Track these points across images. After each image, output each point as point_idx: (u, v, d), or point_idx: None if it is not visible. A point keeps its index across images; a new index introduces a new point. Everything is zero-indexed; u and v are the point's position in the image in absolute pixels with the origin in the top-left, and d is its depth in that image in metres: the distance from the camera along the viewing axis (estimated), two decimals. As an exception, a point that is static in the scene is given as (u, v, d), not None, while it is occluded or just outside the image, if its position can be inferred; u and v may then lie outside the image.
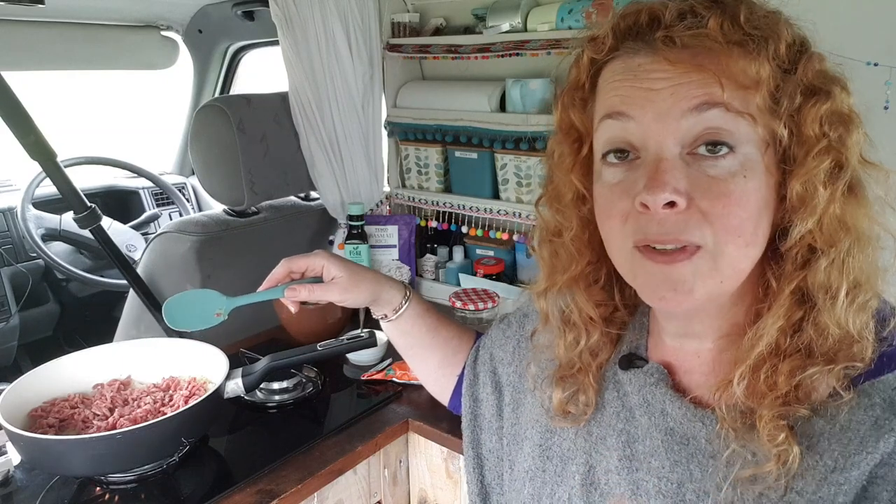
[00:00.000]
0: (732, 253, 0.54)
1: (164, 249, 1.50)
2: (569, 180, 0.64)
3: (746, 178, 0.53)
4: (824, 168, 0.52)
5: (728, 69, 0.51)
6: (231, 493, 0.98)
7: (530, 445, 0.75)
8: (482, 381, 0.90)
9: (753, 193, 0.53)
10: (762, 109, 0.53)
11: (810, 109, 0.52)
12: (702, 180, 0.53)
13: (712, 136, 0.52)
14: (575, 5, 1.39)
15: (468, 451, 0.89)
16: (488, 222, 1.66)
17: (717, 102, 0.52)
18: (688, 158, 0.54)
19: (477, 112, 1.58)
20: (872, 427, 0.51)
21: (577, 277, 0.67)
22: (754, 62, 0.51)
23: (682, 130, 0.53)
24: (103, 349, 1.11)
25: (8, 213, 2.20)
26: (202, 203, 2.73)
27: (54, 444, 0.88)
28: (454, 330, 1.00)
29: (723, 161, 0.53)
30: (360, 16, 1.61)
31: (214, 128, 1.46)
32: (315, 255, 0.92)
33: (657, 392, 0.63)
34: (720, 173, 0.53)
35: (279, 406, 1.22)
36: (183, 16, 2.30)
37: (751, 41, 0.52)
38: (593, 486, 0.67)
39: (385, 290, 0.94)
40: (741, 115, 0.52)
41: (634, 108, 0.55)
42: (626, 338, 0.71)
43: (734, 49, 0.52)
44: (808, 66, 0.53)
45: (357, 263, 0.96)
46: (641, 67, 0.55)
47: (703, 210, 0.53)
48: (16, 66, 2.04)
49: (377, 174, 1.79)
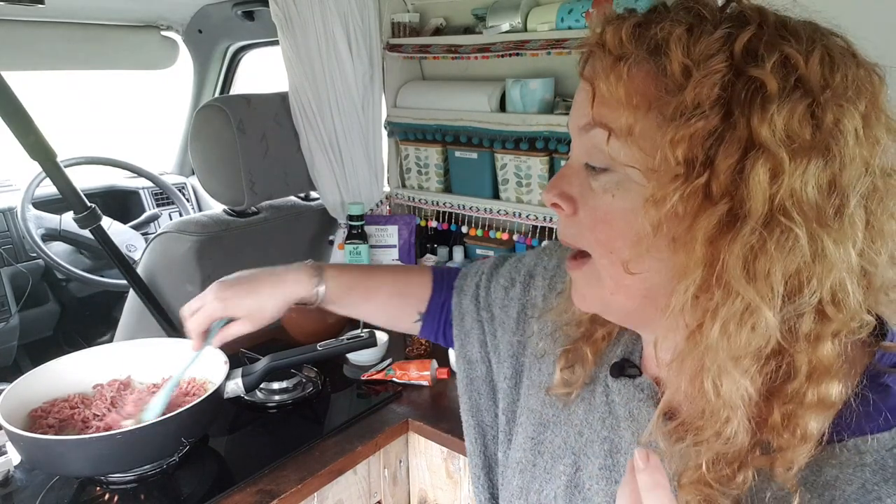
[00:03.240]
0: (608, 267, 0.55)
1: (164, 249, 1.50)
2: None
3: (615, 198, 0.53)
4: (681, 193, 0.47)
5: (606, 87, 0.51)
6: (231, 493, 0.98)
7: (523, 435, 0.74)
8: (475, 339, 0.86)
9: (622, 214, 0.52)
10: (635, 129, 0.50)
11: (679, 129, 0.46)
12: (586, 192, 0.55)
13: (592, 154, 0.54)
14: (575, 5, 1.39)
15: (468, 420, 0.85)
16: (488, 222, 1.66)
17: (597, 123, 0.52)
18: (586, 169, 0.56)
19: (477, 112, 1.58)
20: (859, 490, 0.47)
21: None
22: (621, 79, 0.50)
23: (581, 145, 0.55)
24: (103, 349, 1.11)
25: (8, 213, 2.20)
26: (202, 203, 2.73)
27: (54, 445, 0.88)
28: (391, 290, 0.94)
29: (600, 176, 0.54)
30: (360, 16, 1.61)
31: (214, 128, 1.46)
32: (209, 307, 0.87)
33: (644, 409, 0.61)
34: (597, 188, 0.54)
35: (279, 406, 1.22)
36: (183, 16, 2.30)
37: (630, 57, 0.50)
38: (577, 488, 0.66)
39: (292, 293, 0.88)
40: (617, 135, 0.51)
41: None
42: (623, 339, 0.69)
43: (613, 66, 0.50)
44: (702, 83, 0.46)
45: (252, 283, 0.87)
46: (584, 73, 0.56)
47: (580, 219, 0.56)
48: (16, 66, 2.04)
49: (377, 174, 1.79)
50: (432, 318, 0.93)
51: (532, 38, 1.44)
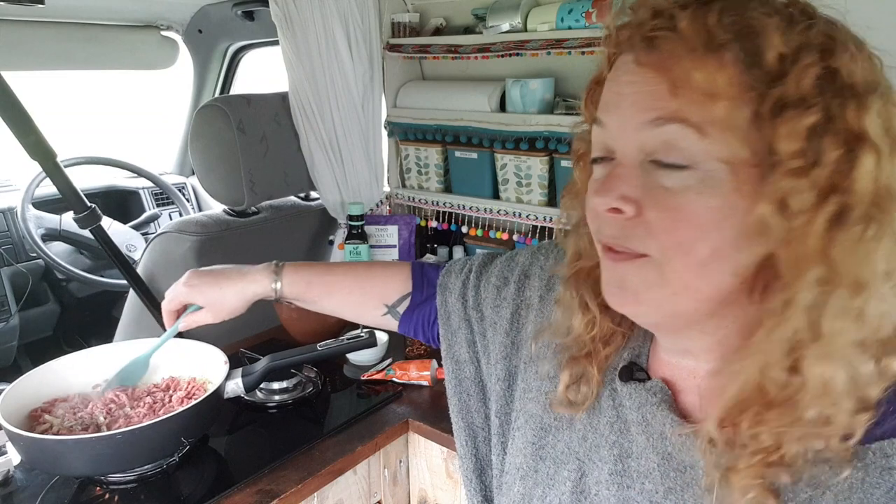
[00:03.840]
0: (679, 269, 0.51)
1: (164, 249, 1.50)
2: (579, 176, 0.65)
3: (700, 195, 0.49)
4: (796, 189, 0.46)
5: (689, 76, 0.48)
6: (231, 493, 0.98)
7: (523, 441, 0.73)
8: (463, 339, 0.85)
9: (707, 212, 0.49)
10: (725, 122, 0.48)
11: (787, 123, 0.46)
12: (656, 191, 0.51)
13: (668, 151, 0.50)
14: (575, 5, 1.39)
15: (458, 422, 0.85)
16: (488, 222, 1.66)
17: (672, 118, 0.49)
18: (648, 166, 0.51)
19: (477, 112, 1.58)
20: (887, 494, 0.47)
21: (590, 272, 0.66)
22: (709, 69, 0.47)
23: (640, 141, 0.51)
24: (103, 349, 1.11)
25: (8, 213, 2.20)
26: (202, 203, 2.73)
27: (54, 445, 0.88)
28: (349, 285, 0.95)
29: (678, 174, 0.50)
30: (360, 16, 1.61)
31: (214, 128, 1.46)
32: (179, 293, 0.94)
33: (658, 413, 0.60)
34: (673, 185, 0.50)
35: (279, 406, 1.22)
36: (183, 16, 2.30)
37: (717, 46, 0.48)
38: (583, 494, 0.65)
39: (251, 291, 0.93)
40: (701, 129, 0.48)
41: (606, 114, 0.54)
42: (630, 343, 0.69)
43: (696, 54, 0.48)
44: (803, 74, 0.47)
45: (218, 276, 0.94)
46: (623, 67, 0.53)
47: (648, 221, 0.51)
48: (16, 66, 2.04)
49: (377, 174, 1.79)
50: (410, 314, 0.93)
51: (532, 38, 1.44)
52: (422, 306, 0.91)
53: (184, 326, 0.96)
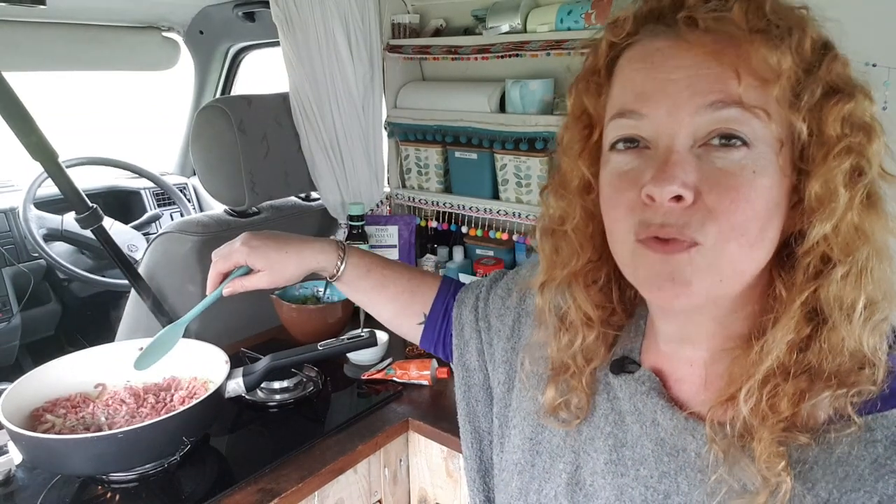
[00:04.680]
0: (734, 252, 0.52)
1: (166, 249, 1.51)
2: (576, 166, 0.62)
3: (756, 174, 0.51)
4: (844, 169, 0.50)
5: (748, 59, 0.50)
6: (232, 492, 0.98)
7: (520, 437, 0.74)
8: (473, 348, 0.88)
9: (763, 192, 0.51)
10: (781, 103, 0.51)
11: (832, 108, 0.50)
12: (711, 173, 0.51)
13: (726, 131, 0.51)
14: (574, 6, 1.39)
15: (465, 426, 0.87)
16: (488, 222, 1.66)
17: (733, 101, 0.50)
18: (699, 151, 0.52)
19: (477, 112, 1.58)
20: (872, 465, 0.49)
21: (577, 274, 0.65)
22: (776, 51, 0.49)
23: (695, 126, 0.51)
24: (104, 349, 1.12)
25: (10, 214, 2.21)
26: (203, 203, 2.73)
27: (56, 444, 0.88)
28: (403, 285, 0.96)
29: (734, 153, 0.51)
30: (360, 17, 1.61)
31: (215, 128, 1.46)
32: (236, 250, 0.90)
33: (649, 401, 0.61)
34: (729, 166, 0.51)
35: (280, 405, 1.23)
36: (184, 17, 2.30)
37: (774, 30, 0.50)
38: (579, 486, 0.66)
39: (315, 261, 0.91)
40: (757, 111, 0.50)
41: (647, 105, 0.53)
42: (621, 340, 0.69)
43: (756, 37, 0.49)
44: (831, 66, 0.51)
45: (280, 240, 0.91)
46: (660, 52, 0.53)
47: (709, 206, 0.51)
48: (17, 67, 2.04)
49: (377, 174, 1.79)
50: (433, 325, 0.94)
51: (532, 39, 1.44)
52: (441, 317, 0.94)
53: (228, 291, 0.90)
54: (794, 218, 0.54)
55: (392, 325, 0.99)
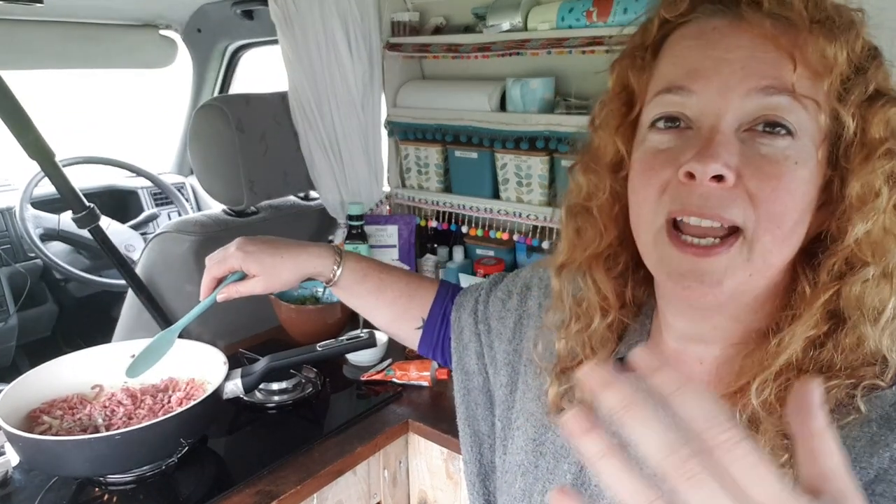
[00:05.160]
0: (768, 243, 0.51)
1: (163, 249, 1.50)
2: (611, 141, 0.61)
3: (798, 165, 0.51)
4: (886, 171, 0.51)
5: (804, 48, 0.50)
6: (230, 494, 0.97)
7: (524, 438, 0.74)
8: (473, 352, 0.87)
9: (802, 183, 0.51)
10: (829, 97, 0.51)
11: (878, 109, 0.51)
12: (754, 159, 0.51)
13: (773, 119, 0.51)
14: (575, 4, 1.39)
15: (465, 429, 0.86)
16: (488, 222, 1.66)
17: (785, 89, 0.50)
18: (743, 136, 0.51)
19: (477, 111, 1.58)
20: (868, 443, 0.50)
21: (598, 256, 0.64)
22: (833, 44, 0.50)
23: (744, 109, 0.51)
24: (102, 349, 1.11)
25: (6, 213, 2.20)
26: (201, 203, 2.72)
27: (53, 445, 0.87)
28: (401, 289, 0.95)
29: (779, 141, 0.51)
30: (359, 15, 1.60)
31: (214, 127, 1.46)
32: (230, 255, 0.89)
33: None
34: (773, 153, 0.50)
35: (278, 407, 1.22)
36: (182, 15, 2.29)
37: (833, 24, 0.50)
38: (584, 486, 0.65)
39: (311, 266, 0.90)
40: (807, 101, 0.50)
41: (699, 82, 0.52)
42: (626, 339, 0.69)
43: (815, 27, 0.50)
44: (878, 70, 0.53)
45: (276, 245, 0.90)
46: (717, 31, 0.53)
47: (750, 191, 0.50)
48: (14, 66, 2.03)
49: (377, 174, 1.78)
50: (431, 329, 0.94)
51: (532, 38, 1.43)
52: (439, 321, 0.94)
53: (223, 297, 0.89)
54: (821, 216, 0.54)
55: (390, 330, 0.99)
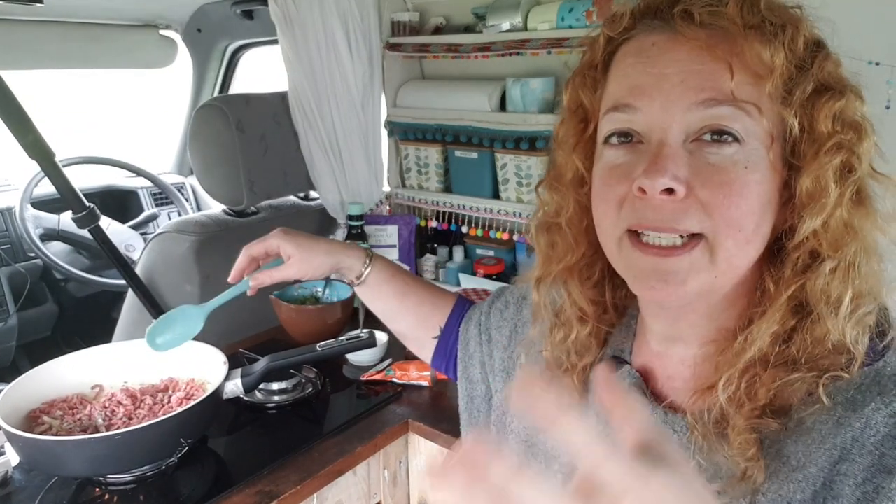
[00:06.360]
0: (731, 248, 0.52)
1: (163, 249, 1.50)
2: (570, 160, 0.63)
3: (748, 170, 0.51)
4: (835, 166, 0.51)
5: (741, 54, 0.50)
6: (230, 494, 0.97)
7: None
8: (477, 361, 0.90)
9: (755, 186, 0.52)
10: (773, 98, 0.51)
11: (823, 105, 0.51)
12: (703, 169, 0.51)
13: (718, 127, 0.51)
14: (575, 4, 1.39)
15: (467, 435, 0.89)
16: (488, 222, 1.66)
17: (725, 98, 0.50)
18: (691, 146, 0.52)
19: (477, 111, 1.58)
20: (834, 426, 0.51)
21: (573, 268, 0.66)
22: (769, 47, 0.50)
23: (688, 121, 0.52)
24: (102, 349, 1.11)
25: (6, 213, 2.20)
26: (201, 203, 2.72)
27: (53, 445, 0.87)
28: (424, 296, 0.98)
29: (726, 149, 0.51)
30: (359, 15, 1.60)
31: (213, 127, 1.46)
32: (271, 236, 0.94)
33: None
34: (721, 161, 0.51)
35: (278, 407, 1.22)
36: (182, 15, 2.29)
37: (768, 26, 0.51)
38: None
39: (343, 259, 0.95)
40: (749, 107, 0.51)
41: (642, 99, 0.53)
42: (612, 340, 0.70)
43: (750, 33, 0.50)
44: (823, 64, 0.52)
45: (313, 237, 0.96)
46: (656, 47, 0.53)
47: (702, 200, 0.51)
48: (14, 66, 2.03)
49: (377, 174, 1.78)
50: (446, 340, 0.96)
51: (532, 38, 1.43)
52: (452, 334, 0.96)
53: (256, 283, 0.93)
54: (785, 214, 0.55)
55: (409, 337, 1.02)
